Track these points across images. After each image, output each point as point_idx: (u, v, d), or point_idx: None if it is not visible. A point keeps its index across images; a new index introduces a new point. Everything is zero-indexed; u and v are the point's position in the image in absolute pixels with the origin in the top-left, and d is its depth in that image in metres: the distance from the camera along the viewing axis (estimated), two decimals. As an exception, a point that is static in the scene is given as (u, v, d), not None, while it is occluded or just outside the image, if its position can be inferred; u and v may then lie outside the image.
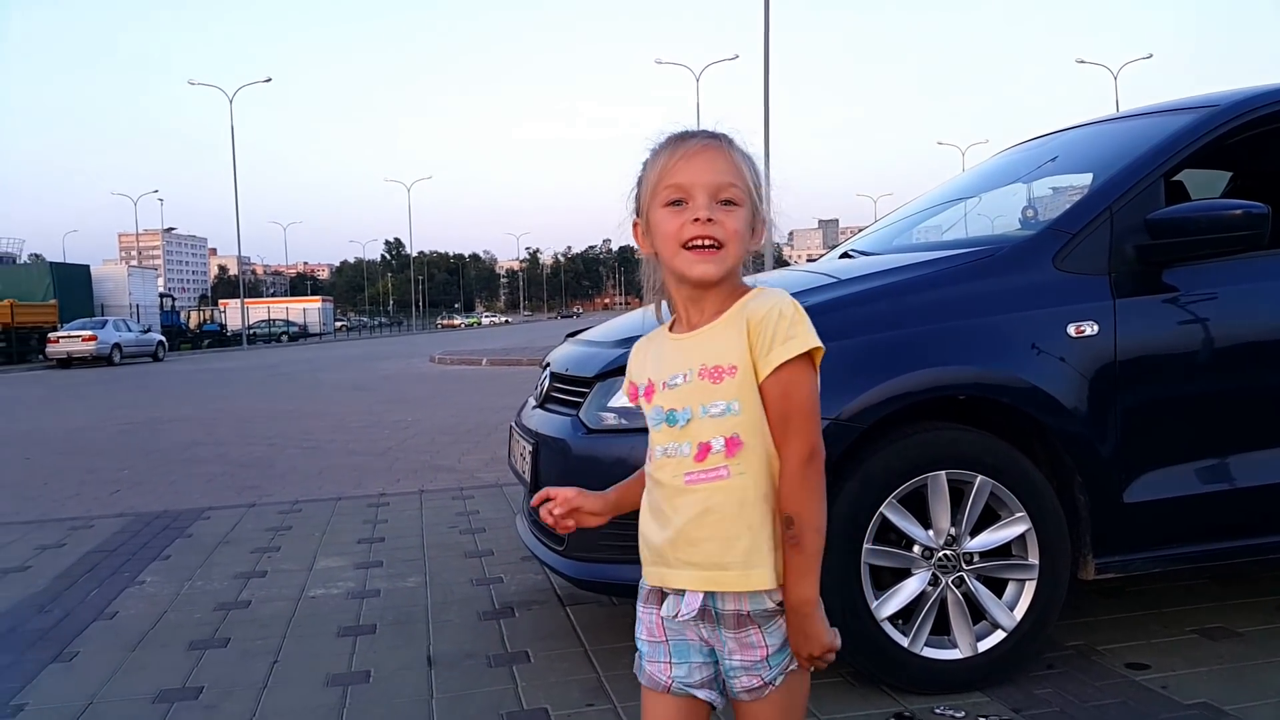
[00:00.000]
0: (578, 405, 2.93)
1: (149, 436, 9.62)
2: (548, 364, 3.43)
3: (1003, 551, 2.72)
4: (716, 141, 1.39)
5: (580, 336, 3.50)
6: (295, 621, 3.45)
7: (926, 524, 2.66)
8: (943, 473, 2.63)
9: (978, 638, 2.68)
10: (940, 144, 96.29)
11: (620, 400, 2.77)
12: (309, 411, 11.62)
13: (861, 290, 2.87)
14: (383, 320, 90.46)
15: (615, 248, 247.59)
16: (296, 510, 5.45)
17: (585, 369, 3.00)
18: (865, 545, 2.59)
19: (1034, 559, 2.70)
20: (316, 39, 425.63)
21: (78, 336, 28.92)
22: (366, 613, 3.53)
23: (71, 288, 36.46)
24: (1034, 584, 2.70)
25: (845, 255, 3.83)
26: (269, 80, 52.64)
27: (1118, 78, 50.89)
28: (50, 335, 29.55)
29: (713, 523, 1.37)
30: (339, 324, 70.16)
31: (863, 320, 2.74)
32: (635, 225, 1.45)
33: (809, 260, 4.36)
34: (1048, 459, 2.80)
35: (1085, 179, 3.39)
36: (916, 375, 2.66)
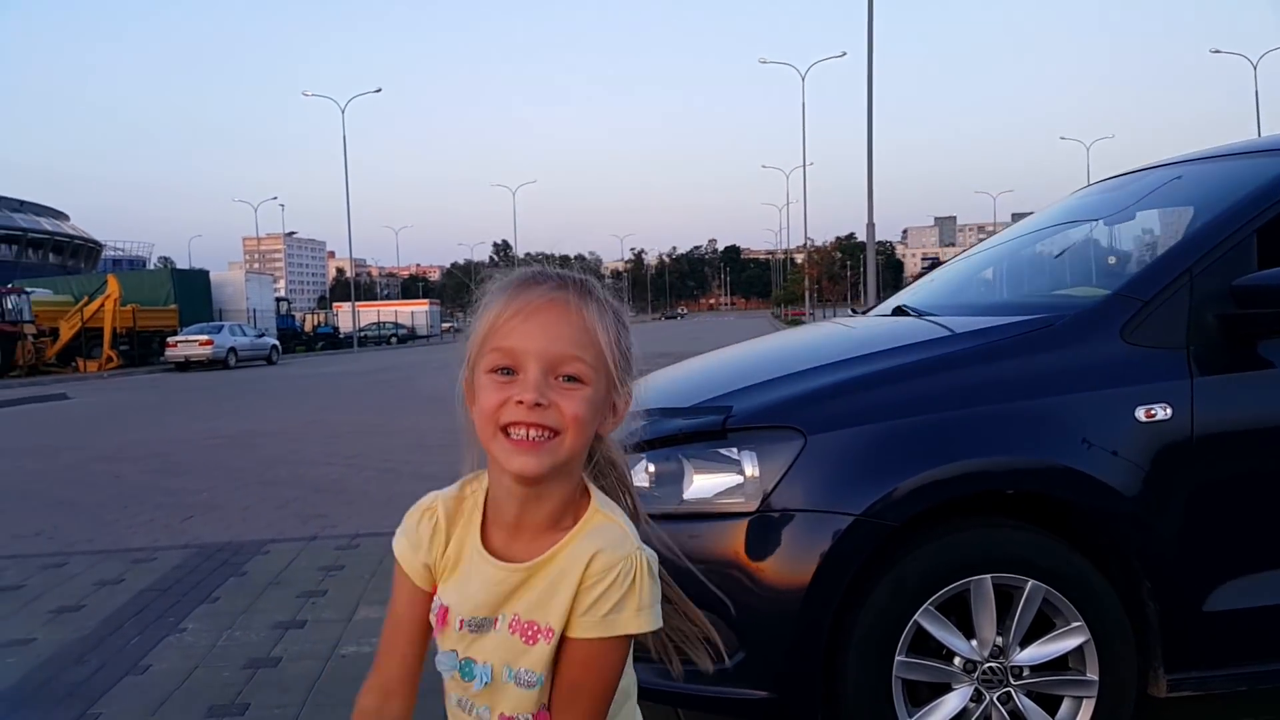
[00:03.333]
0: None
1: (237, 453, 9.85)
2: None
3: (1057, 664, 2.43)
4: (567, 294, 1.07)
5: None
6: (319, 686, 3.36)
7: (969, 633, 2.39)
8: (988, 576, 2.36)
9: (1029, 753, 2.40)
10: (1063, 139, 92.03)
11: (637, 480, 2.58)
12: (394, 427, 11.74)
13: (896, 366, 2.61)
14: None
15: (720, 248, 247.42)
16: (354, 546, 5.42)
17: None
18: (897, 657, 2.34)
19: (1093, 674, 2.40)
20: (423, 51, 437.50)
21: (195, 340, 30.21)
22: (392, 678, 3.41)
23: (191, 293, 38.17)
24: (1093, 702, 2.41)
25: (899, 310, 3.56)
26: (379, 90, 54.25)
27: (1257, 67, 48.18)
28: (169, 339, 30.94)
29: None
30: (446, 325, 71.63)
31: (897, 401, 2.48)
32: (465, 380, 1.12)
33: (922, 267, 3.99)
34: (1112, 560, 2.50)
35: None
36: (956, 466, 2.39)
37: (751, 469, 2.41)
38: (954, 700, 2.38)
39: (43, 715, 3.20)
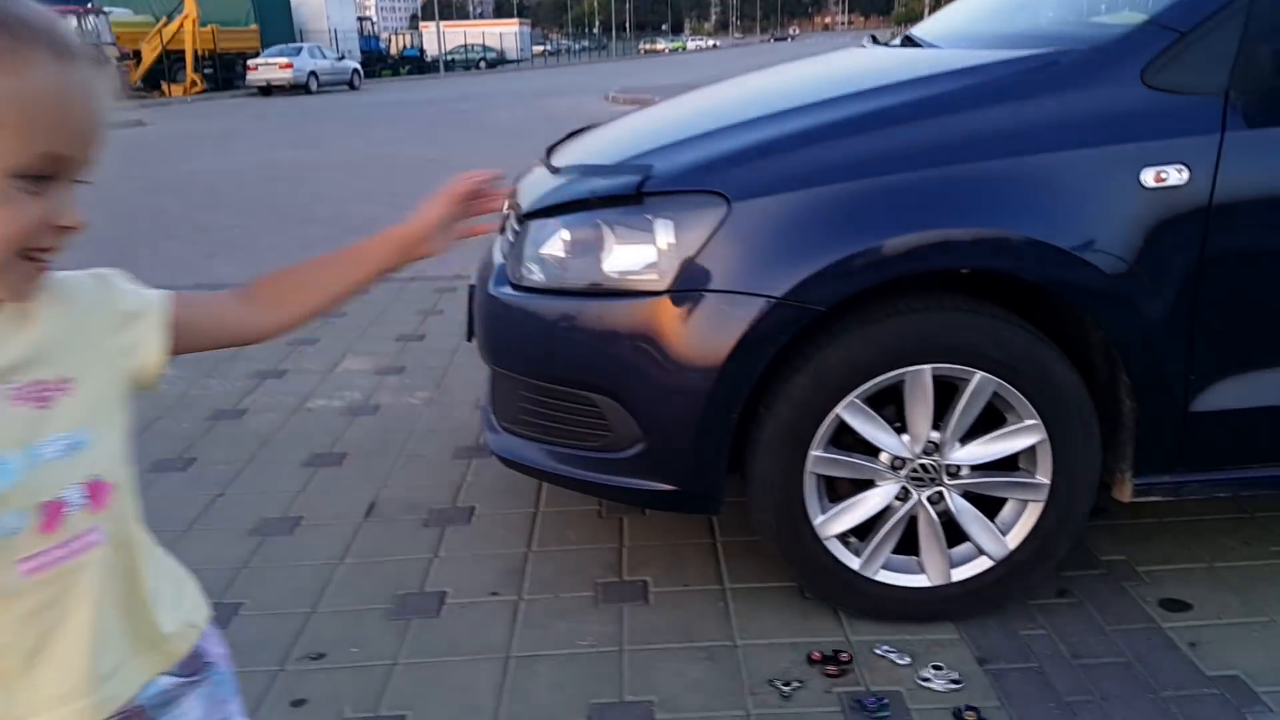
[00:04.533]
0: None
1: (287, 186, 9.76)
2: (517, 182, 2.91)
3: (1003, 464, 2.14)
4: (81, 62, 0.78)
5: (562, 148, 2.90)
6: (272, 442, 3.31)
7: (903, 428, 2.10)
8: (928, 367, 2.03)
9: (957, 563, 2.17)
10: None
11: (551, 249, 2.27)
12: (453, 162, 11.42)
13: (848, 117, 2.16)
14: (585, 44, 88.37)
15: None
16: (363, 293, 5.29)
17: (525, 199, 2.47)
18: (813, 452, 2.07)
19: (1044, 477, 2.10)
20: None
21: (275, 64, 29.78)
22: (349, 436, 3.34)
23: (271, 11, 37.19)
24: (1040, 507, 2.12)
25: (907, 40, 2.99)
26: None
27: None
28: (250, 62, 30.55)
29: (83, 627, 0.86)
30: (538, 48, 69.18)
31: (838, 161, 2.06)
32: None
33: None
34: (1085, 351, 2.13)
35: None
36: (900, 240, 2.00)
37: (666, 240, 2.07)
38: (875, 498, 2.12)
39: None
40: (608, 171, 2.32)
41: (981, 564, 2.16)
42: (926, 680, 1.99)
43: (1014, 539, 2.14)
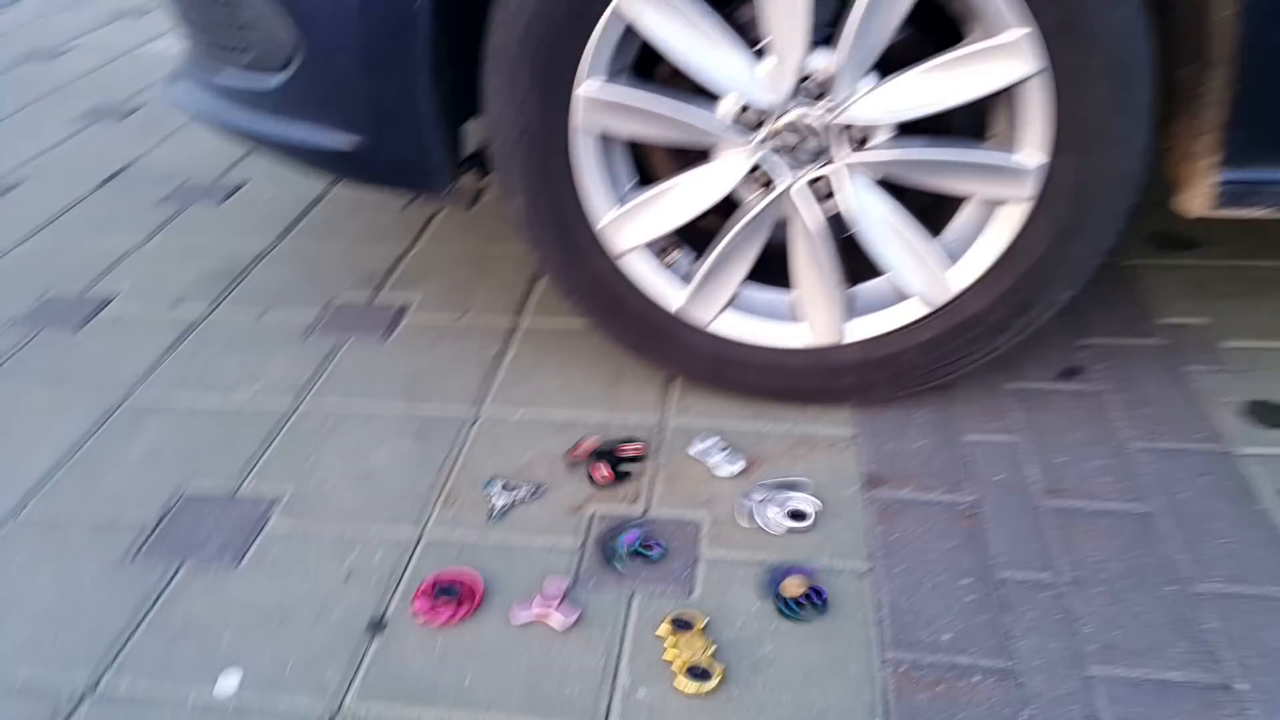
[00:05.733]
0: None
1: None
2: None
3: (959, 125, 1.12)
4: None
5: None
6: (67, 89, 2.50)
7: (758, 40, 1.08)
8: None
9: (860, 310, 1.21)
10: None
11: None
12: None
13: None
14: None
15: None
16: None
17: None
18: (584, 84, 1.09)
19: (1033, 154, 1.07)
20: None
21: None
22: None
23: None
24: (1023, 214, 1.11)
25: None
26: None
27: None
28: None
29: None
30: None
31: None
32: None
33: None
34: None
35: None
36: None
37: None
38: (708, 182, 1.14)
39: None
40: None
41: (904, 313, 1.19)
42: (758, 511, 1.11)
43: (967, 273, 1.15)
